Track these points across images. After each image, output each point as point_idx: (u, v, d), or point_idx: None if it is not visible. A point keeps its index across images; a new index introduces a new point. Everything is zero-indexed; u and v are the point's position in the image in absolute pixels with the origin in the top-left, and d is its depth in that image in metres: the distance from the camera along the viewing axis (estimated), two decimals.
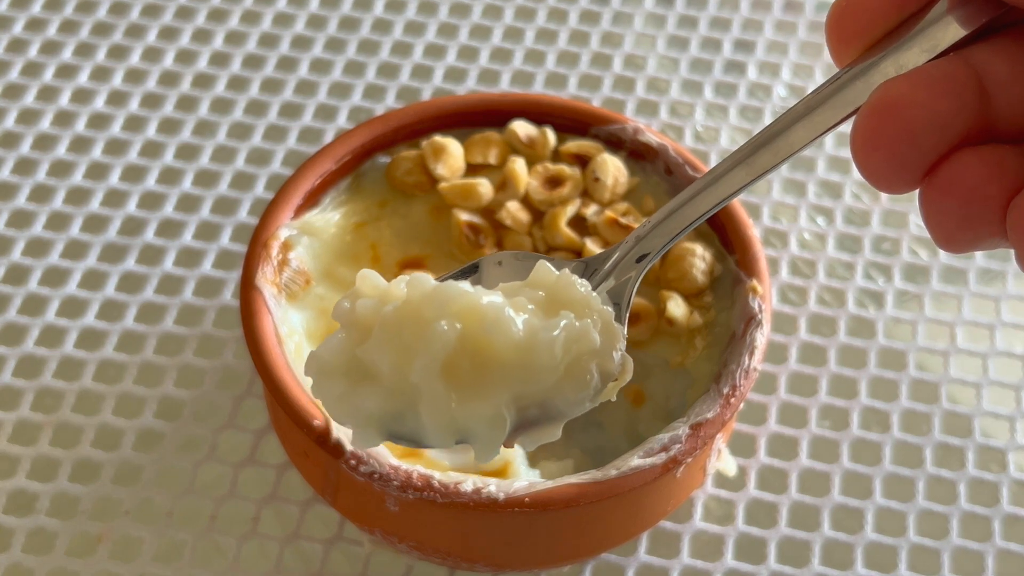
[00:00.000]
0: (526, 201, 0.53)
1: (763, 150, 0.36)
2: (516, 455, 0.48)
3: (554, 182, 0.53)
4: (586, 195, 0.53)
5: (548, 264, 0.37)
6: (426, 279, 0.35)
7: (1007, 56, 0.33)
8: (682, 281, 0.50)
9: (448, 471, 0.46)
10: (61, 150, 0.64)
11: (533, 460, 0.48)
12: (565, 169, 0.53)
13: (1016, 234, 0.31)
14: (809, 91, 0.66)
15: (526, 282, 0.36)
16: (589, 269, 0.39)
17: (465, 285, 0.35)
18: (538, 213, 0.53)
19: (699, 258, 0.51)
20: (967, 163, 0.32)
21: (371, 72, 0.68)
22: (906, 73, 0.32)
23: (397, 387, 0.35)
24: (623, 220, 0.51)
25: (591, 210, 0.52)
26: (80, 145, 0.64)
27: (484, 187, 0.52)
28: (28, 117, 0.66)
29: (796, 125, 0.35)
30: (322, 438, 0.46)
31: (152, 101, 0.67)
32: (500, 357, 0.34)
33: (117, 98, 0.67)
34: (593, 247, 0.51)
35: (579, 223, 0.52)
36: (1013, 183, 0.31)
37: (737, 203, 0.52)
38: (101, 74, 0.68)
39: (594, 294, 0.36)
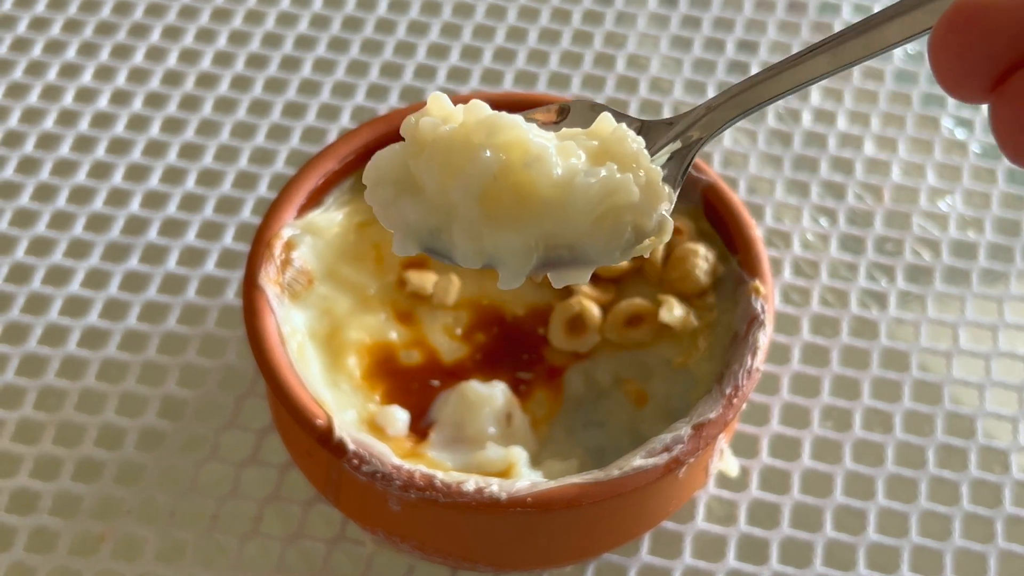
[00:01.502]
0: None
1: (853, 41, 0.35)
2: (519, 456, 0.48)
3: None
4: None
5: (610, 116, 0.37)
6: (484, 107, 0.36)
7: None
8: (685, 281, 0.51)
9: (450, 471, 0.46)
10: (64, 149, 0.64)
11: (535, 460, 0.48)
12: None
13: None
14: (811, 90, 0.66)
15: (587, 131, 0.37)
16: (653, 129, 0.39)
17: (519, 119, 0.36)
18: None
19: (702, 258, 0.51)
20: None
21: (374, 72, 0.68)
22: None
23: (438, 203, 0.36)
24: None
25: None
26: (83, 144, 0.65)
27: None
28: (32, 116, 0.66)
29: (891, 22, 0.35)
30: (324, 438, 0.46)
31: (155, 100, 0.67)
32: (537, 193, 0.35)
33: (120, 97, 0.67)
34: None
35: None
36: None
37: (740, 204, 0.52)
38: (104, 73, 0.68)
39: (645, 152, 0.36)
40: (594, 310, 0.50)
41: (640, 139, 0.36)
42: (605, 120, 0.37)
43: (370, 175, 0.36)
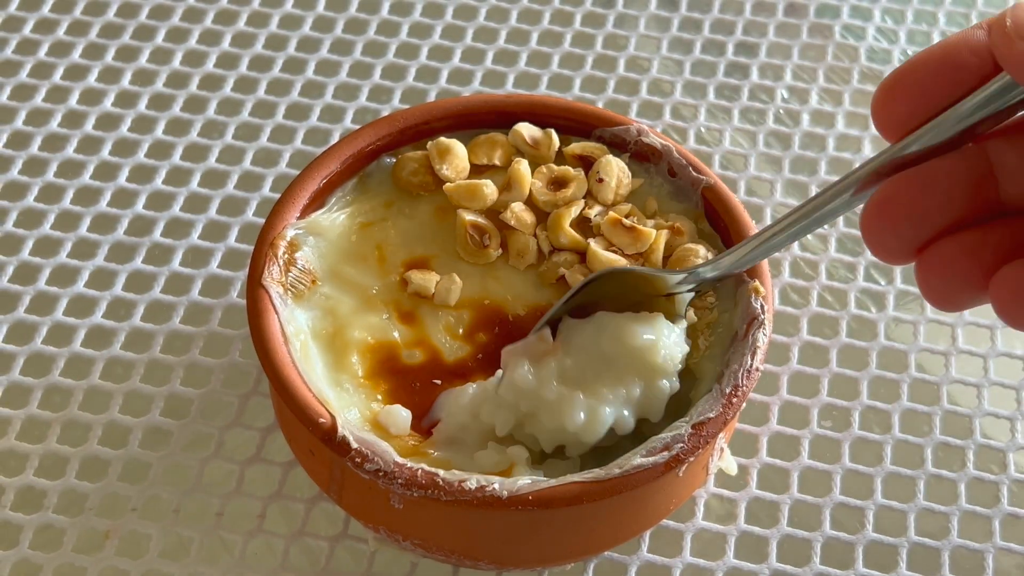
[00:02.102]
0: (530, 202, 0.53)
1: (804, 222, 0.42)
2: (519, 455, 0.48)
3: (558, 183, 0.53)
4: (590, 196, 0.53)
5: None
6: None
7: (1018, 146, 0.37)
8: None
9: (452, 469, 0.46)
10: (70, 150, 0.65)
11: (537, 458, 0.48)
12: (570, 171, 0.53)
13: (996, 300, 0.36)
14: (811, 92, 0.66)
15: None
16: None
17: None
18: (542, 214, 0.53)
19: (702, 259, 0.51)
20: (945, 248, 0.37)
21: (377, 73, 0.68)
22: (904, 172, 0.37)
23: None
24: (626, 221, 0.52)
25: (595, 211, 0.52)
26: (89, 145, 0.65)
27: (489, 188, 0.53)
28: (37, 117, 0.66)
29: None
30: (327, 436, 0.46)
31: (160, 101, 0.67)
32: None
33: (126, 98, 0.67)
34: (597, 248, 0.51)
35: (583, 224, 0.53)
36: (994, 260, 0.36)
37: (740, 205, 0.52)
38: (110, 75, 0.68)
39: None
40: None
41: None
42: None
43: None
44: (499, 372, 0.48)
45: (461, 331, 0.51)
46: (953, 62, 0.36)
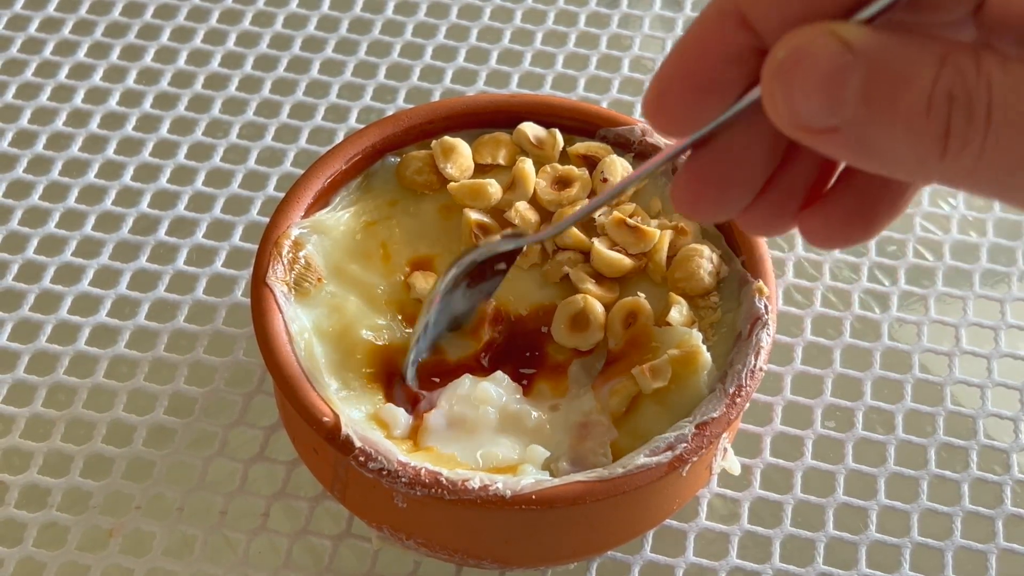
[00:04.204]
0: (533, 202, 0.53)
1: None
2: (538, 454, 0.48)
3: (563, 183, 0.53)
4: (594, 196, 0.53)
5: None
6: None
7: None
8: (689, 281, 0.51)
9: (456, 468, 0.46)
10: (75, 149, 0.65)
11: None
12: (574, 170, 0.54)
13: (805, 236, 0.37)
14: None
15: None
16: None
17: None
18: (546, 213, 0.53)
19: (706, 259, 0.51)
20: (756, 211, 0.38)
21: (382, 73, 0.68)
22: (699, 161, 0.37)
23: None
24: (630, 221, 0.52)
25: (598, 210, 0.53)
26: (94, 144, 0.65)
27: (493, 187, 0.53)
28: (42, 116, 0.66)
29: None
30: (331, 435, 0.46)
31: (165, 101, 0.67)
32: None
33: (130, 97, 0.67)
34: (600, 247, 0.51)
35: (586, 223, 0.53)
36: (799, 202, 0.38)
37: None
38: (115, 74, 0.68)
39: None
40: (597, 307, 0.50)
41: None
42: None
43: None
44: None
45: (482, 344, 0.51)
46: (710, 80, 0.35)
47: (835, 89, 0.31)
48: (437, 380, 0.50)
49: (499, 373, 0.49)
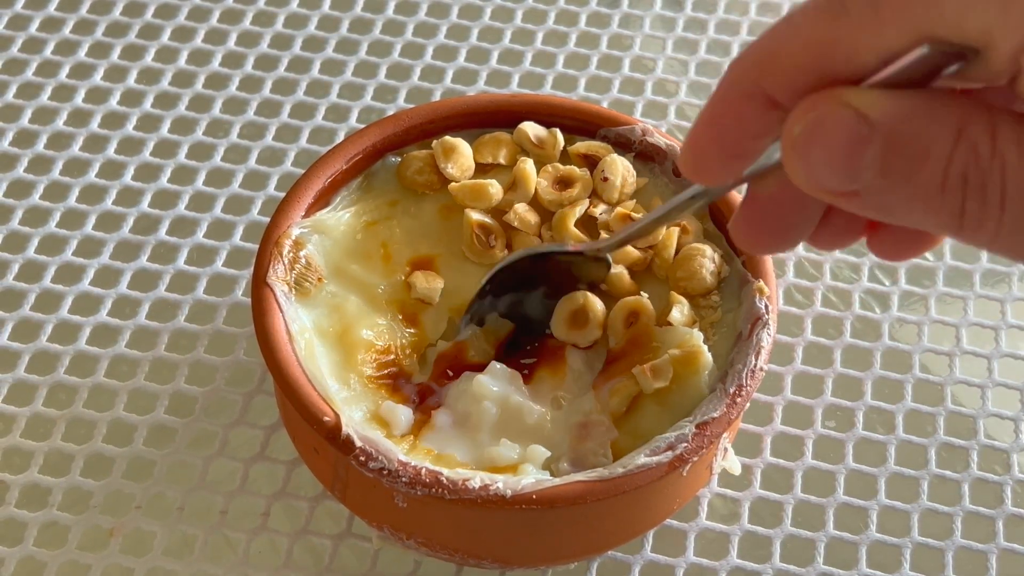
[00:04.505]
0: (534, 202, 0.53)
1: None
2: (537, 454, 0.48)
3: (564, 183, 0.53)
4: (595, 195, 0.53)
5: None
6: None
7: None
8: (691, 281, 0.51)
9: (456, 468, 0.46)
10: (76, 148, 0.65)
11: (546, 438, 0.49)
12: (575, 170, 0.54)
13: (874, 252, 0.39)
14: None
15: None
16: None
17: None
18: (547, 213, 0.53)
19: (708, 259, 0.51)
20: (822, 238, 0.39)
21: (382, 73, 0.68)
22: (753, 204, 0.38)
23: None
24: (635, 216, 0.52)
25: (599, 209, 0.53)
26: (94, 143, 0.65)
27: (494, 187, 0.53)
28: (43, 115, 0.66)
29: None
30: (332, 435, 0.46)
31: (166, 100, 0.67)
32: None
33: (131, 97, 0.67)
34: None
35: (587, 223, 0.53)
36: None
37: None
38: (116, 73, 0.68)
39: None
40: (597, 304, 0.50)
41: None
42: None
43: None
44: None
45: (486, 334, 0.51)
46: (743, 150, 0.35)
47: (852, 160, 0.31)
48: (451, 373, 0.50)
49: (495, 364, 0.49)
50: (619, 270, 0.51)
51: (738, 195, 0.52)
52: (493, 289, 0.51)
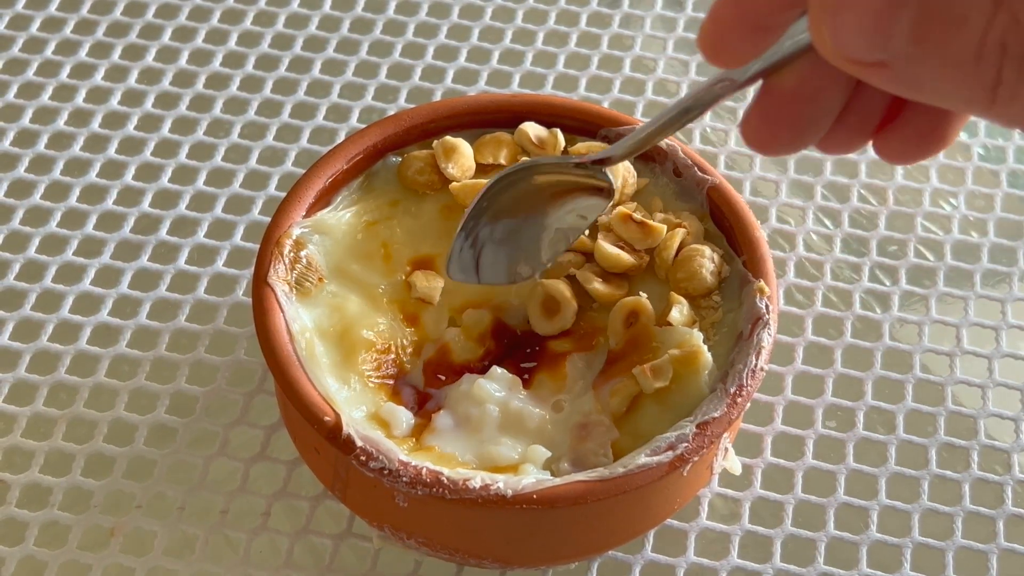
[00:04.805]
0: None
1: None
2: (538, 454, 0.48)
3: None
4: None
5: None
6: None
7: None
8: (691, 281, 0.51)
9: (457, 467, 0.46)
10: (76, 148, 0.65)
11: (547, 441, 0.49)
12: None
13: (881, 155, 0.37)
14: None
15: None
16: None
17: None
18: None
19: (708, 259, 0.51)
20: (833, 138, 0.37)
21: (383, 73, 0.68)
22: (771, 96, 0.36)
23: None
24: (637, 216, 0.52)
25: None
26: (95, 143, 0.65)
27: None
28: (44, 115, 0.66)
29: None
30: (332, 434, 0.46)
31: (167, 100, 0.67)
32: None
33: (132, 97, 0.67)
34: (604, 244, 0.51)
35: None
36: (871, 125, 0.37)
37: (745, 205, 0.52)
38: (116, 73, 0.68)
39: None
40: (563, 289, 0.51)
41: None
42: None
43: None
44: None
45: (466, 331, 0.51)
46: (767, 22, 0.33)
47: (884, 25, 0.30)
48: (443, 378, 0.50)
49: (496, 368, 0.49)
50: (595, 285, 0.51)
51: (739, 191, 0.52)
52: (489, 209, 0.49)
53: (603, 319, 0.51)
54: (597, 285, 0.51)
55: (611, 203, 0.49)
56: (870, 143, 0.37)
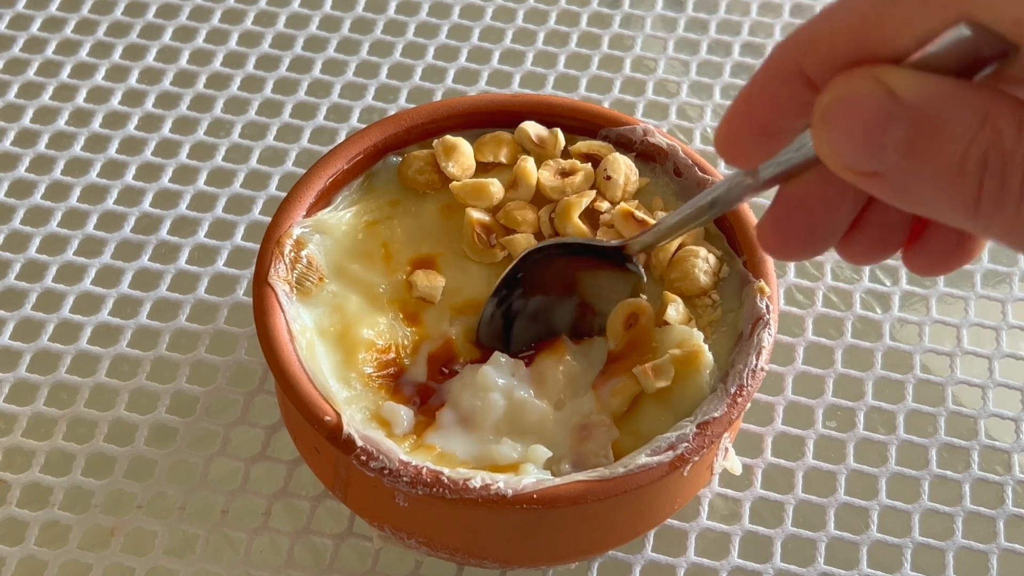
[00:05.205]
0: (537, 198, 0.53)
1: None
2: (539, 454, 0.48)
3: (567, 173, 0.53)
4: (598, 194, 0.53)
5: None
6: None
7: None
8: (684, 281, 0.51)
9: (458, 467, 0.46)
10: (77, 148, 0.65)
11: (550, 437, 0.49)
12: (577, 163, 0.54)
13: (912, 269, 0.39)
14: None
15: None
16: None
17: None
18: (548, 200, 0.53)
19: (702, 259, 0.51)
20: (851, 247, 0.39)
21: (384, 72, 0.69)
22: (786, 203, 0.37)
23: None
24: (638, 213, 0.52)
25: (604, 206, 0.53)
26: (96, 143, 0.65)
27: (495, 186, 0.53)
28: (45, 115, 0.66)
29: None
30: (333, 434, 0.46)
31: (167, 100, 0.67)
32: None
33: (133, 97, 0.67)
34: (604, 238, 0.51)
35: (591, 216, 0.53)
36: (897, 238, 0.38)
37: (745, 205, 0.52)
38: (117, 73, 0.68)
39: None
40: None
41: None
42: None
43: None
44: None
45: (467, 334, 0.51)
46: (779, 129, 0.35)
47: (876, 137, 0.31)
48: (446, 371, 0.50)
49: (498, 355, 0.50)
50: None
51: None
52: (524, 282, 0.51)
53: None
54: None
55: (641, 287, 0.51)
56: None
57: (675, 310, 0.50)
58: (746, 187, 0.40)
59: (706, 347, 0.48)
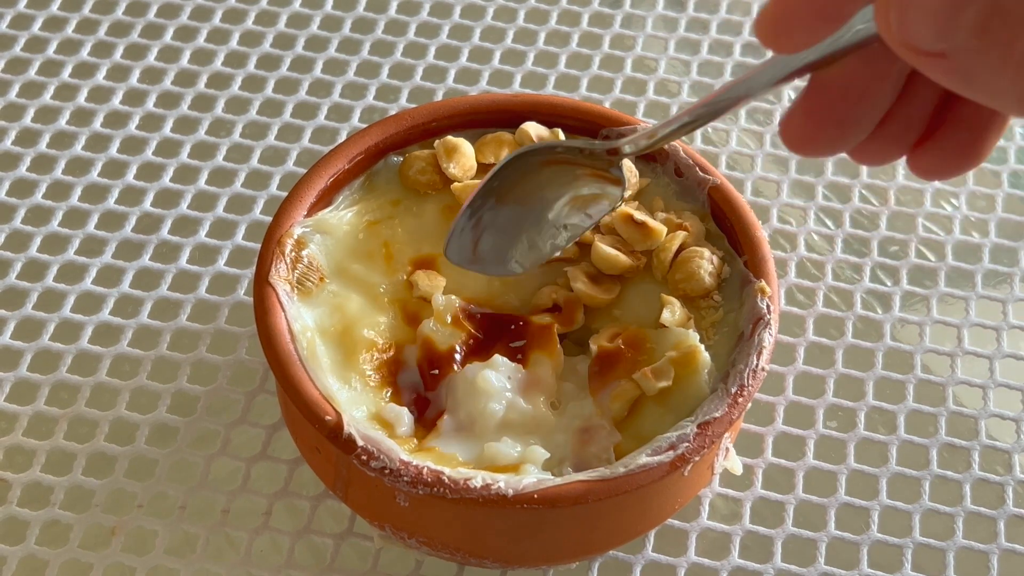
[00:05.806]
0: None
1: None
2: (537, 455, 0.48)
3: None
4: None
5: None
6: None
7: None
8: (689, 282, 0.51)
9: (458, 467, 0.46)
10: (78, 147, 0.65)
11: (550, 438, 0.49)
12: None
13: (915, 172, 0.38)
14: None
15: None
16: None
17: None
18: None
19: (707, 260, 0.51)
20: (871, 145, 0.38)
21: (385, 72, 0.69)
22: (821, 88, 0.36)
23: None
24: (637, 216, 0.52)
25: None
26: (97, 143, 0.65)
27: None
28: (46, 115, 0.66)
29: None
30: (333, 434, 0.46)
31: (168, 100, 0.67)
32: None
33: (134, 97, 0.67)
34: (600, 244, 0.51)
35: None
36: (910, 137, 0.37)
37: (746, 205, 0.52)
38: (118, 73, 0.68)
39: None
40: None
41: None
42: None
43: None
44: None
45: (438, 317, 0.51)
46: (835, 10, 0.33)
47: (951, 15, 0.30)
48: (437, 372, 0.50)
49: (497, 357, 0.49)
50: (579, 285, 0.51)
51: (739, 196, 0.52)
52: (498, 191, 0.48)
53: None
54: (581, 285, 0.51)
55: (620, 202, 0.48)
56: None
57: (671, 312, 0.50)
58: (783, 69, 0.37)
59: (702, 347, 0.48)
